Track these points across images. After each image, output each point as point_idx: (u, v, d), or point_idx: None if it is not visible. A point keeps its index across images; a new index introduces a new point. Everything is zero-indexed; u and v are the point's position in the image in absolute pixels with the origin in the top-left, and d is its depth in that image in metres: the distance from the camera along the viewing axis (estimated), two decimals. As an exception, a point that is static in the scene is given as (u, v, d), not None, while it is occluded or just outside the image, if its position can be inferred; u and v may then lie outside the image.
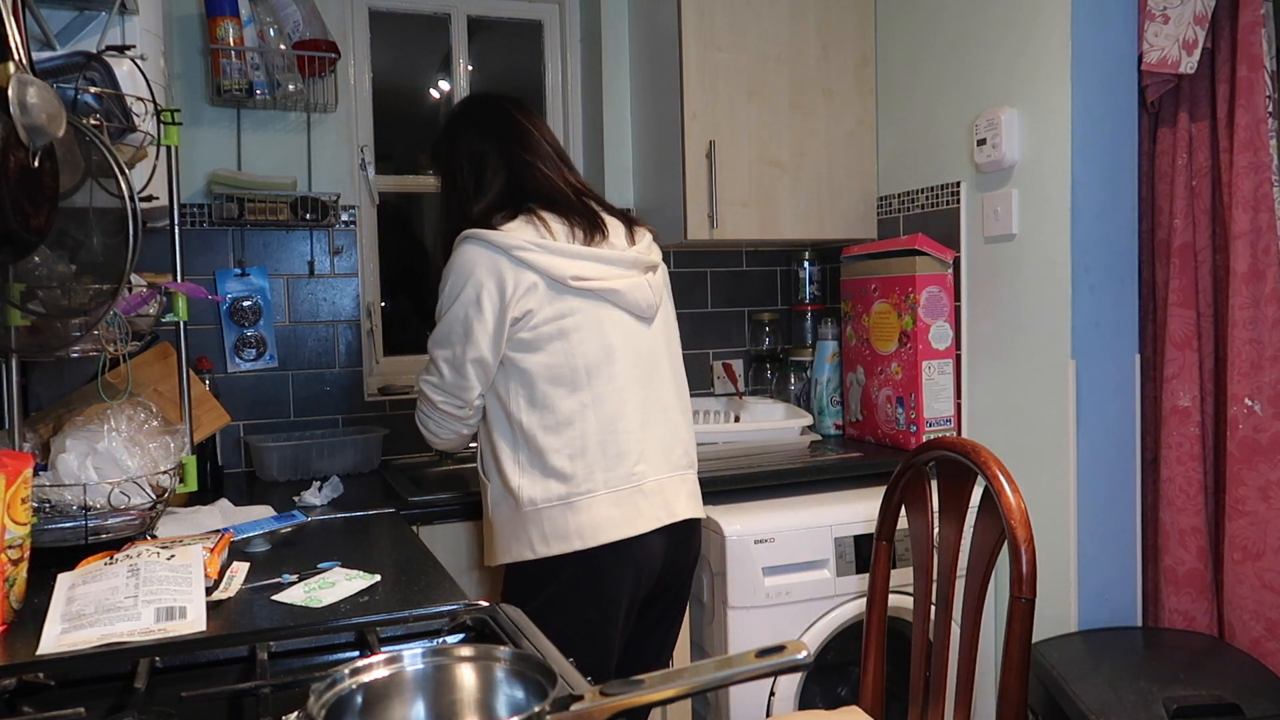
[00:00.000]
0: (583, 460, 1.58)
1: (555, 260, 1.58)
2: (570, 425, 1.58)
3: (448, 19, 2.64)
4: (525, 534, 1.59)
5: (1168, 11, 1.91)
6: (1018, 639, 1.39)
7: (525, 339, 1.58)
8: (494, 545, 1.66)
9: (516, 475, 1.59)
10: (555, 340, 1.58)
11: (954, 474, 1.59)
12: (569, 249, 1.60)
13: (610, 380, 1.60)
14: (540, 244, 1.58)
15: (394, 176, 2.61)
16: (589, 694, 0.77)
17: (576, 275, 1.59)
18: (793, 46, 2.44)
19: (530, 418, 1.58)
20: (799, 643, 0.80)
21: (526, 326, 1.57)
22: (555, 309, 1.58)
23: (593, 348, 1.60)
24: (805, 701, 2.06)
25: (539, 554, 1.57)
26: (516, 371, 1.59)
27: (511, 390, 1.60)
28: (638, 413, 1.63)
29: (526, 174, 1.68)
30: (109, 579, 1.21)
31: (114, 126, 1.46)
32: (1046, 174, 2.03)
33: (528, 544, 1.59)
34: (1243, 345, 1.87)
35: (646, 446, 1.63)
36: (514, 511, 1.60)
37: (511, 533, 1.61)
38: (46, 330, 1.45)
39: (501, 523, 1.63)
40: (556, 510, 1.57)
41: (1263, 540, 1.85)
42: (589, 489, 1.57)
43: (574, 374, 1.58)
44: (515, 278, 1.56)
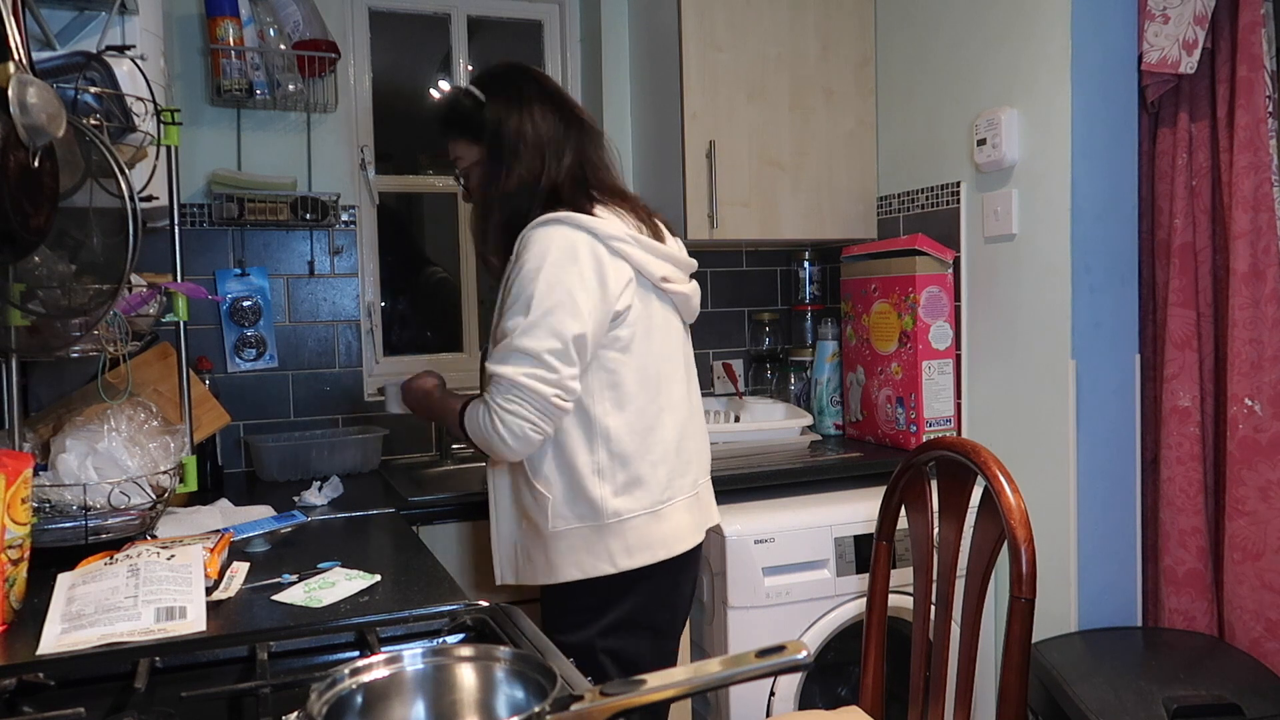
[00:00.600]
0: (664, 466, 1.52)
1: (648, 259, 1.51)
2: (653, 430, 1.51)
3: (448, 19, 2.64)
4: (603, 547, 1.47)
5: (1168, 11, 1.91)
6: (1018, 639, 1.39)
7: (619, 336, 1.48)
8: (547, 561, 1.50)
9: (596, 483, 1.47)
10: (642, 341, 1.51)
11: (954, 474, 1.59)
12: (657, 248, 1.53)
13: (676, 385, 1.57)
14: (636, 239, 1.49)
15: (394, 176, 2.61)
16: (589, 694, 0.77)
17: (664, 276, 1.53)
18: (793, 46, 2.43)
19: (618, 421, 1.48)
20: (799, 643, 0.80)
21: (623, 323, 1.48)
22: (643, 308, 1.51)
23: (666, 351, 1.56)
24: (805, 701, 2.06)
25: (620, 567, 1.47)
26: (604, 371, 1.48)
27: (598, 390, 1.48)
28: (692, 418, 1.62)
29: (595, 161, 1.57)
30: (109, 579, 1.21)
31: (114, 126, 1.46)
32: (1046, 174, 2.03)
33: (606, 558, 1.47)
34: (1243, 345, 1.87)
35: (697, 452, 1.63)
36: (591, 523, 1.47)
37: (583, 546, 1.48)
38: (46, 330, 1.46)
39: (568, 536, 1.48)
40: (641, 520, 1.49)
41: (1263, 540, 1.85)
42: (669, 496, 1.52)
43: (656, 377, 1.52)
44: (615, 270, 1.46)
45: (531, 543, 1.52)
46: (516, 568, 1.56)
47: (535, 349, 1.40)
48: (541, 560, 1.51)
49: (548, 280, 1.41)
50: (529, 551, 1.53)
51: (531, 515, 1.51)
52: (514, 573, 1.56)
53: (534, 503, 1.50)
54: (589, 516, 1.47)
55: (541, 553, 1.51)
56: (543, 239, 1.44)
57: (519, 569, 1.55)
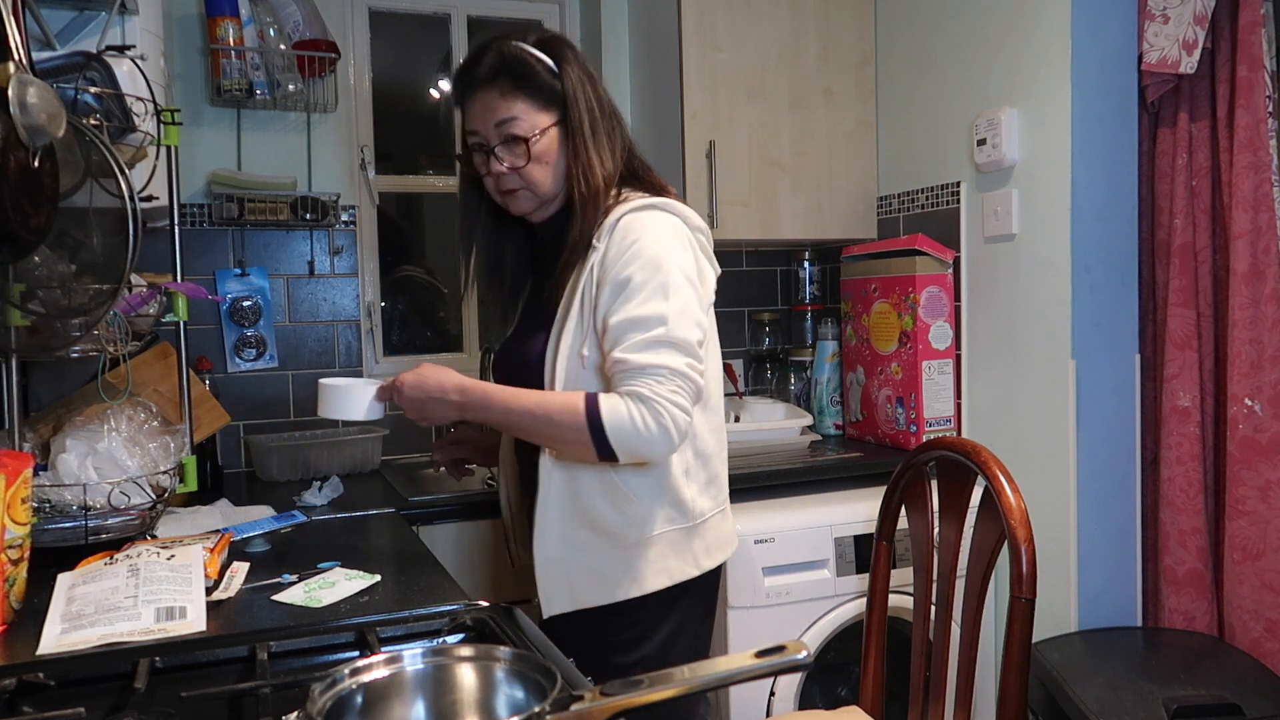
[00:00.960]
0: (725, 463, 1.49)
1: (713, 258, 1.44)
2: (723, 427, 1.48)
3: (448, 19, 2.64)
4: (688, 550, 1.40)
5: (1168, 11, 1.91)
6: (1018, 639, 1.39)
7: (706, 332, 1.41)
8: (632, 572, 1.37)
9: (685, 484, 1.39)
10: (713, 338, 1.44)
11: (954, 474, 1.59)
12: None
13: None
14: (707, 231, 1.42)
15: (394, 176, 2.61)
16: (589, 694, 0.77)
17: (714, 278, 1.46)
18: (793, 46, 2.43)
19: (700, 419, 1.40)
20: (799, 643, 0.80)
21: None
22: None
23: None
24: (805, 701, 2.06)
25: (703, 568, 1.41)
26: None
27: None
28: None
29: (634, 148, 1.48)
30: (109, 579, 1.21)
31: (114, 126, 1.46)
32: (1046, 174, 2.03)
33: (692, 560, 1.40)
34: (1243, 345, 1.87)
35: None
36: (676, 525, 1.39)
37: (671, 551, 1.38)
38: (46, 330, 1.46)
39: (656, 542, 1.37)
40: (716, 518, 1.45)
41: (1263, 540, 1.85)
42: (727, 492, 1.50)
43: (720, 373, 1.48)
44: (705, 264, 1.40)
45: (603, 557, 1.37)
46: (573, 592, 1.38)
47: (688, 339, 1.28)
48: (619, 574, 1.37)
49: (678, 269, 1.31)
50: (597, 568, 1.37)
51: (608, 526, 1.36)
52: (570, 598, 1.38)
53: (613, 511, 1.35)
54: (677, 519, 1.38)
55: (621, 566, 1.36)
56: (653, 225, 1.33)
57: (577, 592, 1.38)
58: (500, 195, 1.42)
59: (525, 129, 1.36)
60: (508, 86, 1.36)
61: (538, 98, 1.37)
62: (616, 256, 1.31)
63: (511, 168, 1.38)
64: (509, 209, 1.44)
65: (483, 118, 1.37)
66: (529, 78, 1.36)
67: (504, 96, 1.36)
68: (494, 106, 1.36)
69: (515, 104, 1.36)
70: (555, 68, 1.38)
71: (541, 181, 1.38)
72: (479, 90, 1.37)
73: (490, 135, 1.37)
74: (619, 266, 1.30)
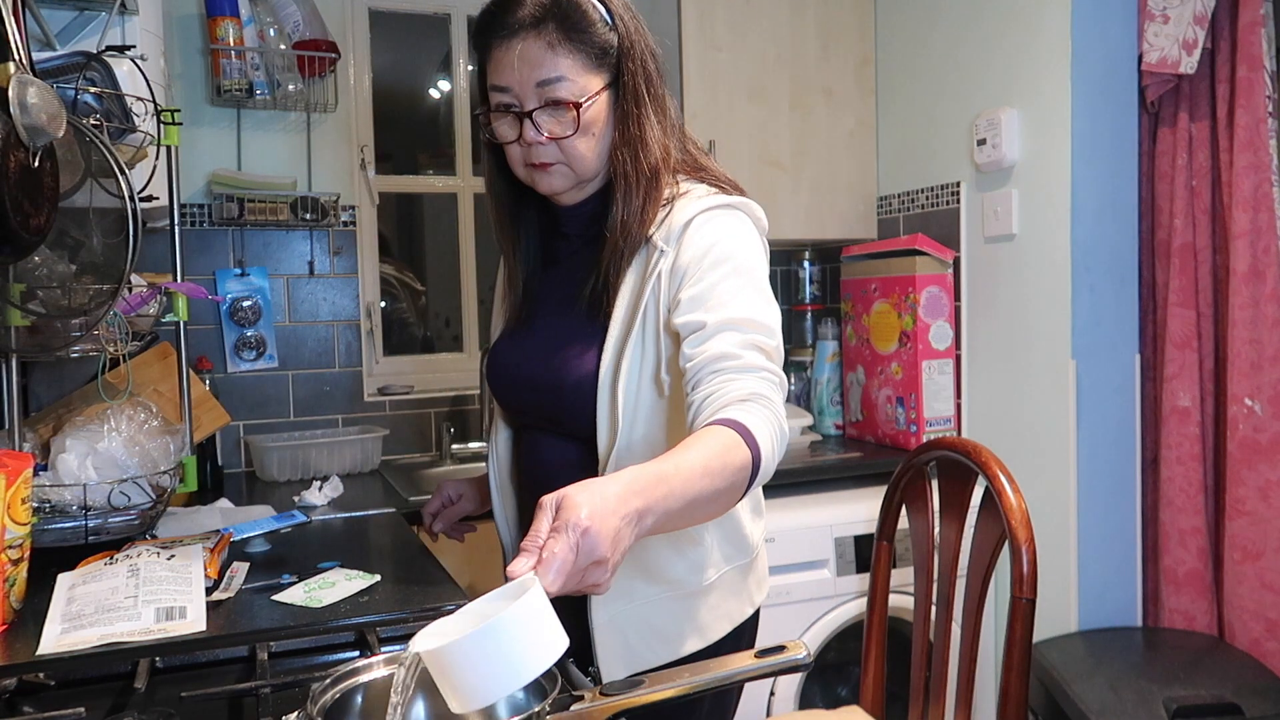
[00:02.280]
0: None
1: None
2: None
3: (448, 19, 2.64)
4: (744, 588, 1.24)
5: (1168, 11, 1.91)
6: (1018, 639, 1.39)
7: None
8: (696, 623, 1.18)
9: (749, 515, 1.23)
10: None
11: (954, 474, 1.59)
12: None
13: None
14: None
15: (394, 176, 2.61)
16: (589, 694, 0.77)
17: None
18: (793, 46, 2.43)
19: None
20: (799, 643, 0.80)
21: None
22: None
23: None
24: (805, 701, 2.06)
25: (756, 604, 1.27)
26: None
27: None
28: None
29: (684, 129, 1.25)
30: (109, 579, 1.21)
31: (114, 126, 1.46)
32: (1046, 174, 2.03)
33: (747, 598, 1.25)
34: (1243, 345, 1.87)
35: None
36: (736, 564, 1.22)
37: (731, 593, 1.21)
38: (46, 330, 1.46)
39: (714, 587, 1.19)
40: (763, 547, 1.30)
41: (1263, 540, 1.85)
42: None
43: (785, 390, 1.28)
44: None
45: (658, 611, 1.17)
46: (630, 654, 1.16)
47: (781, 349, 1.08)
48: (681, 626, 1.18)
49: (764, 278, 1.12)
50: (655, 624, 1.17)
51: (667, 575, 1.16)
52: (627, 662, 1.15)
53: (676, 557, 1.16)
54: (737, 556, 1.22)
55: (682, 618, 1.17)
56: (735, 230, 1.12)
57: (635, 654, 1.16)
58: (526, 169, 1.15)
59: (575, 92, 1.09)
60: (557, 36, 1.08)
61: (590, 54, 1.10)
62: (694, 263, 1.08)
63: (552, 138, 1.11)
64: (535, 185, 1.17)
65: (520, 72, 1.09)
66: (584, 29, 1.09)
67: (552, 49, 1.08)
68: (538, 60, 1.08)
69: (564, 59, 1.08)
70: (609, 18, 1.12)
71: (585, 157, 1.12)
72: (518, 37, 1.08)
73: (527, 95, 1.09)
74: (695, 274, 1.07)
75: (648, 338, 1.11)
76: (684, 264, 1.09)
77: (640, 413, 1.11)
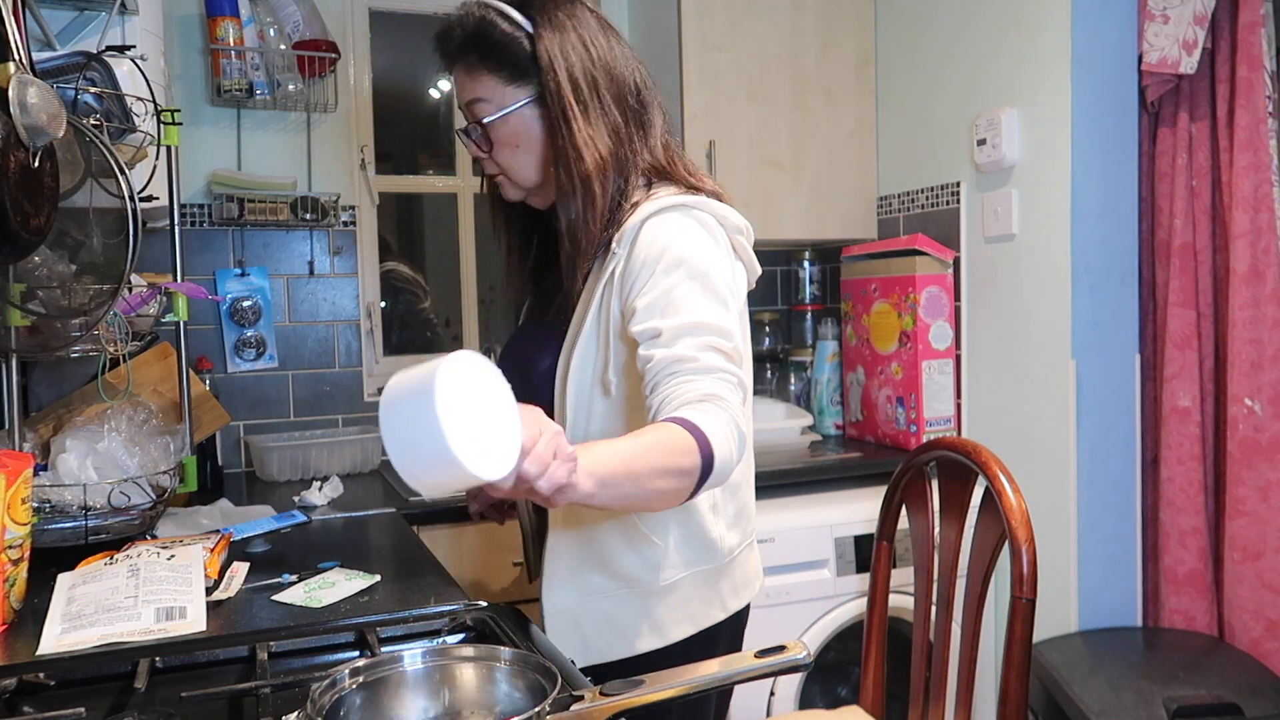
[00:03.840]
0: (753, 491, 1.32)
1: (753, 259, 1.26)
2: (749, 453, 1.27)
3: (448, 19, 2.63)
4: (714, 591, 1.24)
5: (1168, 11, 1.91)
6: (1018, 639, 1.39)
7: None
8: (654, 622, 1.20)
9: (712, 521, 1.22)
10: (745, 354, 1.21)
11: (954, 474, 1.59)
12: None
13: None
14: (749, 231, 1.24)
15: (394, 176, 2.61)
16: (589, 694, 0.77)
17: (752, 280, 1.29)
18: (793, 46, 2.43)
19: None
20: (799, 643, 0.80)
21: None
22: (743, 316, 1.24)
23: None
24: (805, 701, 2.06)
25: (730, 610, 1.26)
26: None
27: None
28: None
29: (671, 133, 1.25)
30: (109, 579, 1.21)
31: (114, 126, 1.46)
32: (1046, 174, 2.03)
33: (718, 603, 1.24)
34: (1243, 345, 1.87)
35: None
36: (703, 566, 1.22)
37: (697, 595, 1.22)
38: (46, 330, 1.46)
39: (675, 587, 1.21)
40: (744, 553, 1.30)
41: (1263, 540, 1.85)
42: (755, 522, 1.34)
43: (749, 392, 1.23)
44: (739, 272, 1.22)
45: (615, 606, 1.20)
46: (586, 645, 1.21)
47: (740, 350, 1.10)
48: (638, 623, 1.20)
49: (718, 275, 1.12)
50: (612, 618, 1.21)
51: (624, 572, 1.20)
52: (582, 652, 1.21)
53: (634, 556, 1.19)
54: (704, 559, 1.22)
55: (639, 615, 1.20)
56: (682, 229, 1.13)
57: (590, 646, 1.21)
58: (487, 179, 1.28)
59: (492, 110, 1.17)
60: (474, 61, 1.17)
61: (507, 70, 1.16)
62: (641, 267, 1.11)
63: (480, 152, 1.21)
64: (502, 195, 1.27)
65: (458, 96, 1.21)
66: (495, 47, 1.16)
67: (470, 72, 1.18)
68: (462, 84, 1.19)
69: (482, 81, 1.17)
70: (531, 36, 1.16)
71: (514, 168, 1.20)
72: (452, 66, 1.20)
73: (465, 115, 1.21)
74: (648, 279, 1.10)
75: (598, 339, 1.15)
76: (635, 267, 1.12)
77: (594, 411, 1.16)
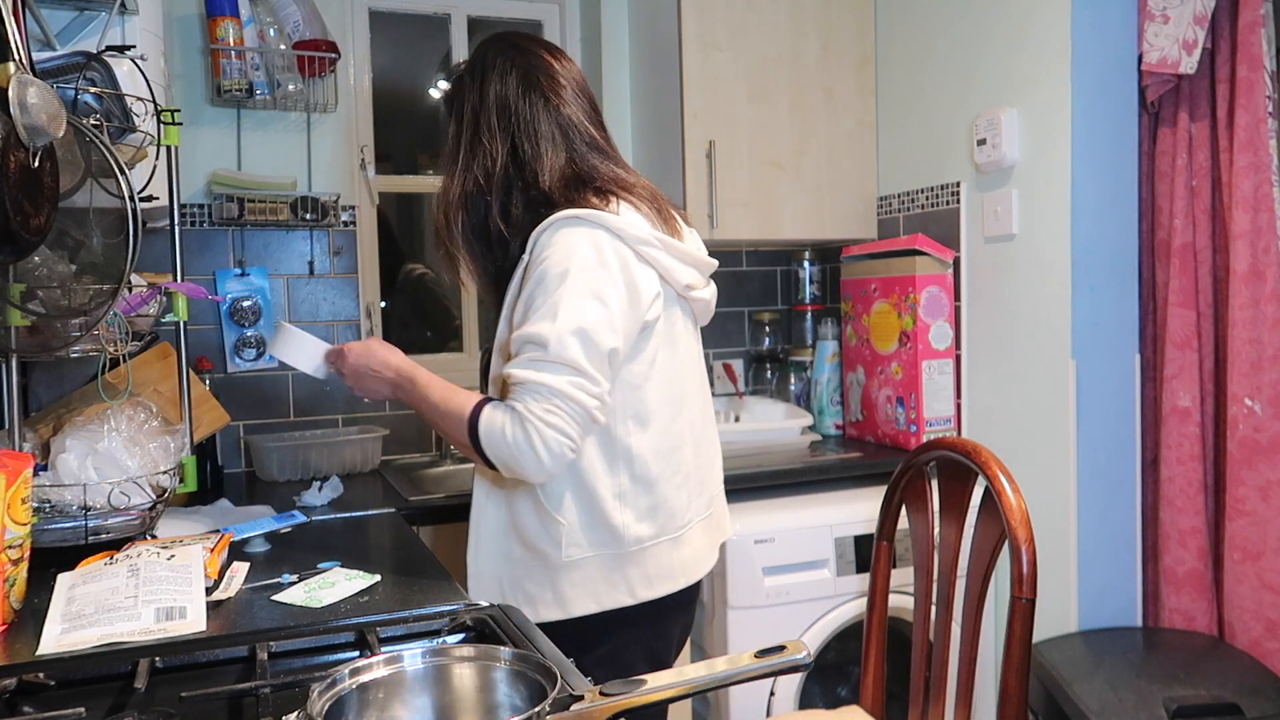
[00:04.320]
0: (685, 488, 1.40)
1: (674, 264, 1.36)
2: (679, 449, 1.39)
3: (448, 19, 2.64)
4: (621, 576, 1.34)
5: (1168, 11, 1.91)
6: (1018, 639, 1.39)
7: (644, 350, 1.34)
8: (562, 593, 1.34)
9: (618, 509, 1.33)
10: (666, 354, 1.37)
11: (954, 474, 1.59)
12: (680, 249, 1.37)
13: (696, 398, 1.45)
14: (662, 240, 1.34)
15: (394, 176, 2.61)
16: (589, 694, 0.77)
17: (689, 284, 1.39)
18: (793, 46, 2.43)
19: (642, 440, 1.34)
20: (799, 643, 0.80)
21: (650, 336, 1.35)
22: (668, 319, 1.38)
23: (687, 363, 1.43)
24: (805, 701, 2.06)
25: (640, 598, 1.35)
26: (628, 388, 1.33)
27: (620, 409, 1.33)
28: (708, 428, 1.50)
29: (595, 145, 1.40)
30: (109, 579, 1.21)
31: (114, 126, 1.46)
32: (1046, 174, 2.03)
33: (625, 589, 1.34)
34: (1243, 345, 1.87)
35: (715, 466, 1.52)
36: (610, 551, 1.34)
37: (601, 577, 1.34)
38: (46, 330, 1.46)
39: (583, 565, 1.34)
40: (663, 546, 1.37)
41: (1263, 540, 1.85)
42: (688, 519, 1.41)
43: (680, 393, 1.39)
44: (646, 281, 1.32)
45: (529, 574, 1.36)
46: (503, 598, 1.38)
47: (575, 359, 1.23)
48: (544, 594, 1.35)
49: (578, 287, 1.25)
50: (521, 583, 1.36)
51: (536, 544, 1.35)
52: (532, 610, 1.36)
53: (542, 530, 1.34)
54: (608, 544, 1.34)
55: (545, 585, 1.35)
56: (566, 240, 1.27)
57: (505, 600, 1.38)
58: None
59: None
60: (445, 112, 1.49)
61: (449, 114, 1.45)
62: (529, 275, 1.29)
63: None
64: None
65: None
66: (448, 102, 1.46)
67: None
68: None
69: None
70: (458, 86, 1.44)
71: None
72: None
73: None
74: (528, 285, 1.29)
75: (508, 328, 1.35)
76: (525, 276, 1.31)
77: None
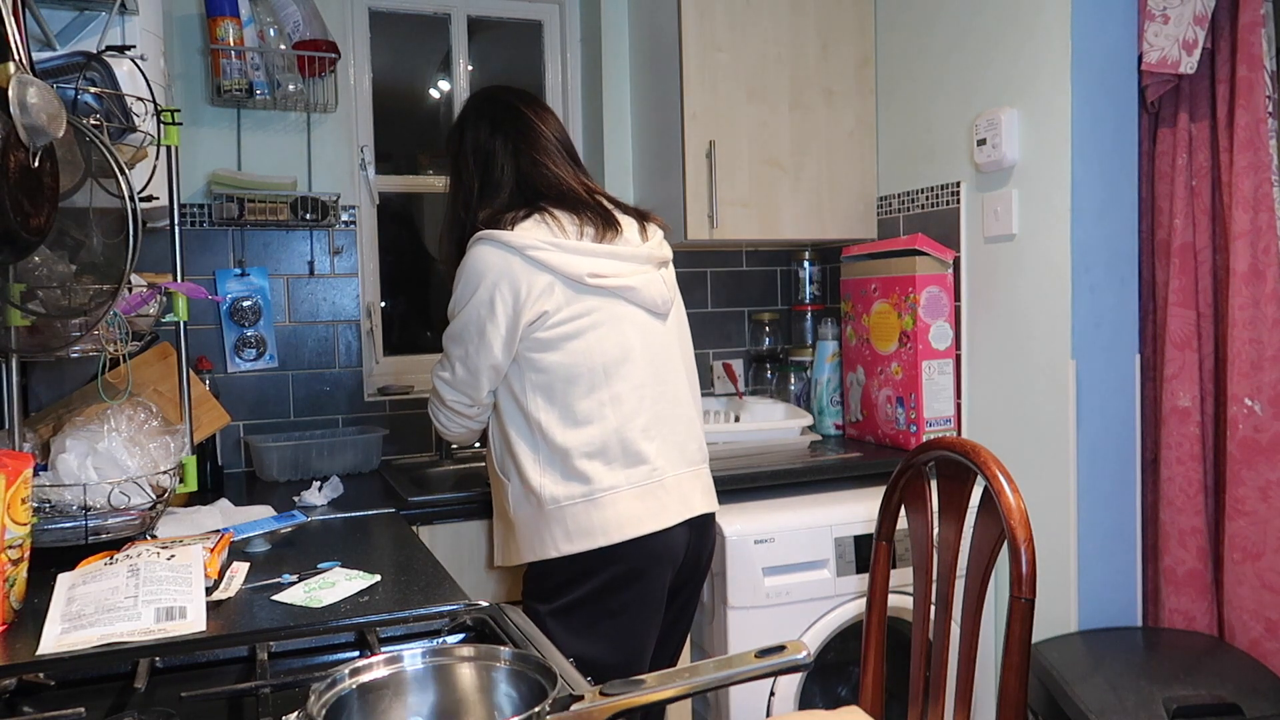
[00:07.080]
0: (603, 458, 1.57)
1: (570, 259, 1.57)
2: (590, 424, 1.57)
3: (448, 19, 2.64)
4: (548, 532, 1.58)
5: (1168, 11, 1.91)
6: (1018, 639, 1.39)
7: (542, 339, 1.57)
8: (514, 544, 1.65)
9: (537, 474, 1.58)
10: (573, 340, 1.57)
11: (954, 474, 1.59)
12: (583, 246, 1.58)
13: (628, 378, 1.60)
14: (554, 243, 1.56)
15: (394, 176, 2.61)
16: (589, 694, 0.77)
17: (593, 273, 1.58)
18: (793, 46, 2.43)
19: (548, 416, 1.57)
20: (799, 643, 0.80)
21: (543, 326, 1.56)
22: (573, 309, 1.57)
23: (611, 345, 1.59)
24: (805, 701, 2.06)
25: (563, 551, 1.56)
26: (534, 371, 1.58)
27: (529, 389, 1.59)
28: (654, 408, 1.63)
29: (535, 172, 1.67)
30: (109, 579, 1.21)
31: (114, 126, 1.46)
32: (1046, 174, 2.03)
33: (551, 543, 1.58)
34: (1243, 345, 1.87)
35: (664, 443, 1.63)
36: (537, 510, 1.59)
37: (534, 531, 1.60)
38: (46, 330, 1.45)
39: (523, 521, 1.62)
40: (579, 507, 1.56)
41: (1263, 540, 1.85)
42: (611, 485, 1.57)
43: (592, 372, 1.57)
44: (530, 279, 1.55)
45: (504, 528, 1.72)
46: (497, 550, 1.77)
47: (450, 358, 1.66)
48: (506, 544, 1.71)
49: (461, 302, 1.60)
50: (503, 536, 1.73)
51: (501, 504, 1.69)
52: (500, 556, 1.75)
53: (502, 493, 1.67)
54: (527, 504, 1.60)
55: (508, 537, 1.69)
56: (467, 261, 1.60)
57: (498, 552, 1.76)
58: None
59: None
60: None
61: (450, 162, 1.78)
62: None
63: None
64: None
65: None
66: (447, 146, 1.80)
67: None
68: None
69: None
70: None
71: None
72: None
73: None
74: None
75: None
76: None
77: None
